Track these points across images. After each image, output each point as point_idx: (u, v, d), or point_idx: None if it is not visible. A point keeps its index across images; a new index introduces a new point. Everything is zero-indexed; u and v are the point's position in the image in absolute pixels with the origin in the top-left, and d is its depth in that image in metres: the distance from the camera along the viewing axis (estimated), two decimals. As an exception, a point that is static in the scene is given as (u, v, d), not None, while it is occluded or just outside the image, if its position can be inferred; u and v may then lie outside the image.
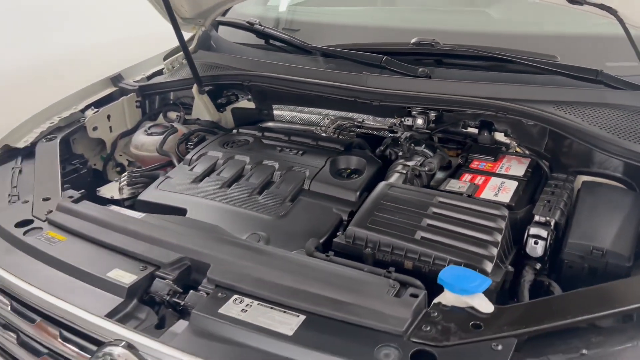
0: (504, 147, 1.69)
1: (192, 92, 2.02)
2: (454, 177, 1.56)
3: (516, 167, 1.58)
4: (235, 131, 1.91)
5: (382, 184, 1.45)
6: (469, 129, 1.73)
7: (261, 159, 1.69)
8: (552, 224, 1.31)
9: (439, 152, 1.64)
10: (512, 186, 1.48)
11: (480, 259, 1.18)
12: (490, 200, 1.41)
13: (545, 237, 1.29)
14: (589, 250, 1.25)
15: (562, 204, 1.37)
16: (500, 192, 1.45)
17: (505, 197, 1.43)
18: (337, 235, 1.35)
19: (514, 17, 2.05)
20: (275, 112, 2.07)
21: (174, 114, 2.10)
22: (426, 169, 1.55)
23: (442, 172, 1.64)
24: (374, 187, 1.48)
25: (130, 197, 1.70)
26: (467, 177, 1.53)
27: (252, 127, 1.94)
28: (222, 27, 2.42)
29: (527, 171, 1.55)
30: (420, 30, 1.99)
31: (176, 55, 2.25)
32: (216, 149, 1.77)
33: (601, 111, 1.51)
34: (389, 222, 1.29)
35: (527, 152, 1.65)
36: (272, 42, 2.17)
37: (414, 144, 1.64)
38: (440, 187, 1.49)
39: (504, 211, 1.31)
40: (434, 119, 1.71)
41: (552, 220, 1.31)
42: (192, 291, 1.15)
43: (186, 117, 2.06)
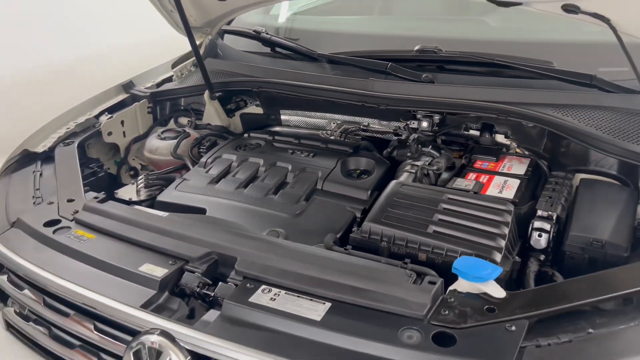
0: (504, 148, 1.78)
1: (204, 98, 2.09)
2: (459, 176, 1.64)
3: (517, 166, 1.67)
4: (246, 135, 1.99)
5: (393, 182, 1.54)
6: (471, 131, 1.82)
7: (274, 161, 1.76)
8: (555, 218, 1.40)
9: (445, 153, 1.73)
10: (514, 184, 1.57)
11: (489, 250, 1.26)
12: (495, 196, 1.50)
13: (548, 230, 1.38)
14: (589, 241, 1.34)
15: (562, 200, 1.45)
16: (504, 189, 1.54)
17: (509, 194, 1.51)
18: (353, 231, 1.43)
19: (510, 25, 2.15)
20: (282, 117, 2.15)
21: (185, 120, 2.18)
22: (434, 168, 1.64)
23: (446, 173, 1.73)
24: (384, 186, 1.56)
25: (147, 199, 1.76)
26: (472, 176, 1.62)
27: (262, 131, 2.02)
28: (227, 35, 2.50)
29: (527, 170, 1.64)
30: (418, 38, 2.08)
31: (185, 62, 2.33)
32: (230, 152, 1.84)
33: (596, 113, 1.61)
34: (402, 218, 1.37)
35: (526, 152, 1.74)
36: (277, 49, 2.26)
37: (421, 145, 1.73)
38: (447, 186, 1.58)
39: (510, 206, 1.40)
40: (437, 122, 1.80)
41: (554, 214, 1.40)
42: (221, 283, 1.22)
43: (197, 122, 2.13)
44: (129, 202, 1.74)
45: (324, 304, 1.12)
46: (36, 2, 3.76)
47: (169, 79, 2.29)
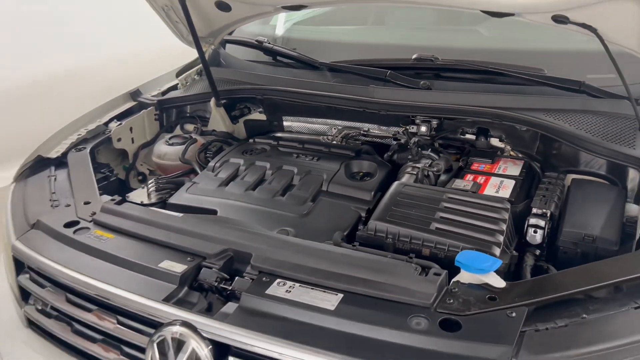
0: (499, 151, 1.87)
1: (210, 105, 2.17)
2: (457, 177, 1.73)
3: (512, 168, 1.75)
4: (251, 140, 2.06)
5: (396, 183, 1.62)
6: (467, 135, 1.91)
7: (280, 165, 1.84)
8: (549, 215, 1.48)
9: (443, 155, 1.82)
10: (510, 184, 1.65)
11: (489, 245, 1.35)
12: (493, 195, 1.59)
13: (543, 226, 1.47)
14: (581, 237, 1.43)
15: (555, 198, 1.54)
16: (500, 189, 1.63)
17: (505, 193, 1.60)
18: (359, 229, 1.51)
19: (503, 35, 2.25)
20: (285, 123, 2.23)
21: (190, 126, 2.25)
22: (434, 170, 1.73)
23: (445, 175, 1.81)
24: (386, 187, 1.64)
25: (158, 202, 1.82)
26: (469, 177, 1.70)
27: (267, 136, 2.10)
28: (228, 45, 2.58)
29: (522, 171, 1.73)
30: (415, 47, 2.17)
31: (189, 71, 2.41)
32: (237, 157, 1.91)
33: (585, 117, 1.70)
34: (406, 216, 1.46)
35: (520, 155, 1.83)
36: (279, 58, 2.35)
37: (421, 149, 1.81)
38: (447, 186, 1.66)
39: (507, 204, 1.48)
40: (435, 126, 1.89)
41: (548, 211, 1.49)
42: (238, 277, 1.29)
43: (203, 128, 2.21)
44: (140, 205, 1.81)
45: (337, 295, 1.20)
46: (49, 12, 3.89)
47: (174, 87, 2.37)
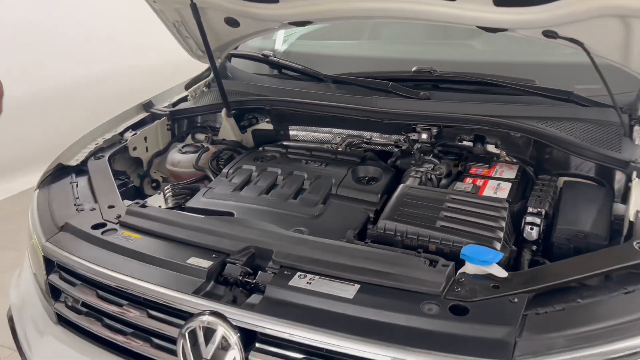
0: (495, 156, 2.00)
1: (221, 115, 2.28)
2: (457, 181, 1.85)
3: (508, 171, 1.88)
4: (261, 148, 2.18)
5: (402, 185, 1.73)
6: (465, 142, 2.04)
7: (291, 170, 1.95)
8: (544, 214, 1.61)
9: (444, 160, 1.94)
10: (506, 186, 1.78)
11: (490, 240, 1.46)
12: (492, 196, 1.71)
13: (538, 223, 1.59)
14: (574, 233, 1.55)
15: (549, 198, 1.66)
16: (498, 191, 1.75)
17: (503, 194, 1.72)
18: (368, 228, 1.62)
19: (495, 48, 2.39)
20: (291, 132, 2.34)
21: (201, 135, 2.36)
22: (437, 173, 1.85)
23: (445, 179, 1.93)
24: (391, 190, 1.76)
25: (174, 206, 1.93)
26: (469, 180, 1.83)
27: (276, 144, 2.21)
28: (233, 58, 2.70)
29: (517, 175, 1.85)
30: (414, 60, 2.31)
31: (198, 84, 2.52)
32: (249, 163, 2.02)
33: (575, 124, 1.84)
34: (413, 215, 1.57)
35: (515, 160, 1.96)
36: (284, 71, 2.47)
37: (423, 154, 1.94)
38: (448, 189, 1.79)
39: (505, 203, 1.61)
40: (435, 134, 2.01)
41: (543, 210, 1.61)
42: (261, 272, 1.39)
43: (213, 137, 2.32)
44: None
45: (354, 285, 1.30)
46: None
47: (184, 99, 2.48)
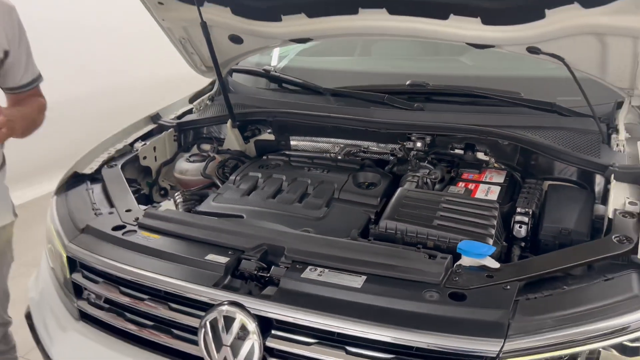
0: (484, 163, 2.15)
1: (227, 126, 2.40)
2: (450, 185, 1.99)
3: (497, 176, 2.02)
4: (265, 157, 2.30)
5: (400, 188, 1.87)
6: (456, 150, 2.19)
7: (295, 177, 2.08)
8: (531, 213, 1.75)
9: (438, 166, 2.08)
10: (496, 190, 1.91)
11: (483, 236, 1.60)
12: (483, 198, 1.85)
13: (527, 222, 1.73)
14: (558, 231, 1.69)
15: (536, 200, 1.81)
16: (488, 193, 1.89)
17: (493, 197, 1.86)
18: (370, 228, 1.75)
19: (483, 64, 2.56)
20: (292, 142, 2.47)
21: (207, 146, 2.48)
22: (432, 177, 1.99)
23: (439, 184, 2.07)
24: (390, 194, 1.89)
25: (185, 211, 2.04)
26: (461, 184, 1.97)
27: (278, 153, 2.34)
28: (234, 73, 2.83)
29: (505, 179, 1.99)
30: (406, 74, 2.46)
31: (202, 97, 2.65)
32: (255, 171, 2.14)
33: (557, 132, 1.99)
34: (412, 215, 1.70)
35: (503, 166, 2.11)
36: (284, 85, 2.61)
37: (419, 160, 2.08)
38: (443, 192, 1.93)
39: (495, 204, 1.75)
40: (429, 142, 2.16)
41: (530, 210, 1.75)
42: (274, 266, 1.51)
43: (219, 147, 2.44)
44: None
45: (361, 276, 1.43)
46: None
47: (189, 111, 2.60)
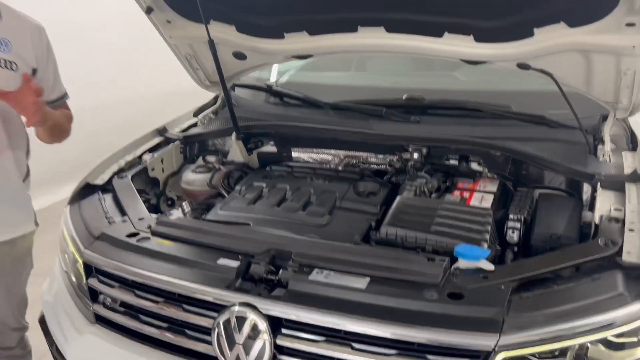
0: (478, 173, 2.25)
1: (232, 138, 2.50)
2: (446, 194, 2.10)
3: (490, 185, 2.12)
4: (268, 168, 2.40)
5: (399, 197, 1.97)
6: (451, 161, 2.30)
7: (298, 186, 2.17)
8: (522, 219, 1.85)
9: (435, 176, 2.19)
10: (489, 198, 2.02)
11: (478, 241, 1.70)
12: (477, 206, 1.95)
13: (519, 227, 1.83)
14: (549, 236, 1.79)
15: (527, 207, 1.91)
16: (482, 201, 1.99)
17: (487, 204, 1.97)
18: (371, 234, 1.84)
19: (475, 79, 2.68)
20: (293, 154, 2.57)
21: (212, 157, 2.57)
22: (429, 186, 2.09)
23: (435, 193, 2.18)
24: (389, 202, 1.99)
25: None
26: (457, 193, 2.07)
27: (281, 164, 2.44)
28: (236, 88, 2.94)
29: (498, 188, 2.10)
30: (402, 89, 2.57)
31: (206, 111, 2.76)
32: (260, 181, 2.24)
33: (547, 144, 2.10)
34: (411, 221, 1.80)
35: (495, 176, 2.22)
36: (286, 99, 2.72)
37: (416, 170, 2.19)
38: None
39: (489, 211, 1.85)
40: (425, 153, 2.27)
41: (522, 216, 1.85)
42: (282, 269, 1.60)
43: (223, 159, 2.54)
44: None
45: (365, 278, 1.52)
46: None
47: (193, 125, 2.70)
